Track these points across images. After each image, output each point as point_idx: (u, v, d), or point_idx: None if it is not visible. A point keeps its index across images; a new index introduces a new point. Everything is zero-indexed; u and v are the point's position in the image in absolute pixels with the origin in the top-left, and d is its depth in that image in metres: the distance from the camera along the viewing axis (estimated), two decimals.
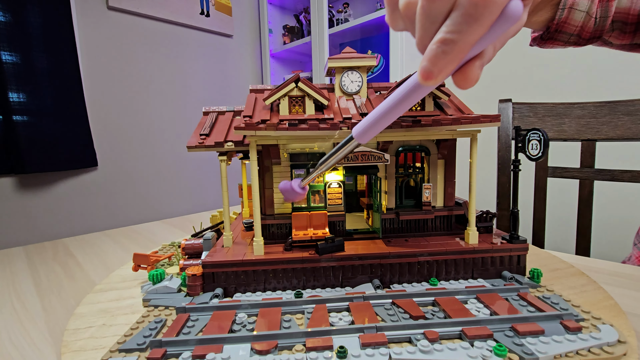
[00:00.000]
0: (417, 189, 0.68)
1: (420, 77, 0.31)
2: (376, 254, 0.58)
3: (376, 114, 0.39)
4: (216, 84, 2.53)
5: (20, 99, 1.83)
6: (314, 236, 0.61)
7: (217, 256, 0.58)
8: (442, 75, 0.31)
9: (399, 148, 0.65)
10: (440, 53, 0.30)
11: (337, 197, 0.65)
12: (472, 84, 0.32)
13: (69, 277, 0.79)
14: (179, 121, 2.25)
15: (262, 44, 2.86)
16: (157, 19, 2.16)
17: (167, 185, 2.19)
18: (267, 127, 0.54)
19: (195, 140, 0.62)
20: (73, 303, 0.65)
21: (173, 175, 2.23)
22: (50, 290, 0.72)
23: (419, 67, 0.31)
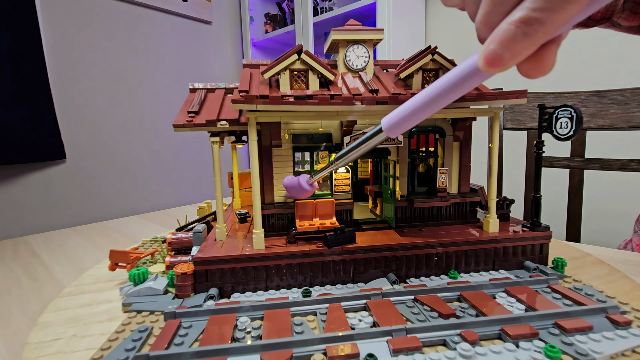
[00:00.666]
0: (431, 174, 0.62)
1: (483, 63, 0.25)
2: (391, 246, 0.52)
3: (415, 103, 0.32)
4: (194, 72, 2.39)
5: None
6: (321, 227, 0.54)
7: (210, 251, 0.50)
8: (514, 61, 0.25)
9: (412, 129, 0.59)
10: (519, 35, 0.23)
11: (345, 184, 0.59)
12: (547, 71, 0.26)
13: (31, 278, 0.69)
14: (154, 109, 2.11)
15: (243, 32, 2.73)
16: (130, 2, 2.00)
17: (143, 177, 2.05)
18: (270, 101, 0.46)
19: (182, 118, 0.54)
20: (36, 309, 0.55)
21: (150, 166, 2.09)
22: (8, 294, 0.62)
23: (484, 51, 0.25)
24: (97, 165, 2.01)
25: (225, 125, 0.54)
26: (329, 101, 0.47)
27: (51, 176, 1.87)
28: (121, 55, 2.08)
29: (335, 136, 0.58)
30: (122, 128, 2.04)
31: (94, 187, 1.92)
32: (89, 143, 1.94)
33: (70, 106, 1.96)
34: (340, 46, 0.63)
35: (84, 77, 1.99)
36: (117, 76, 2.10)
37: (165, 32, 2.38)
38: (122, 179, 2.00)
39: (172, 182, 2.28)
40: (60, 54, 1.90)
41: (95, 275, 0.61)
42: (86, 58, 1.97)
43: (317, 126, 0.57)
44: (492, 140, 0.56)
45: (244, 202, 0.82)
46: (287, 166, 0.57)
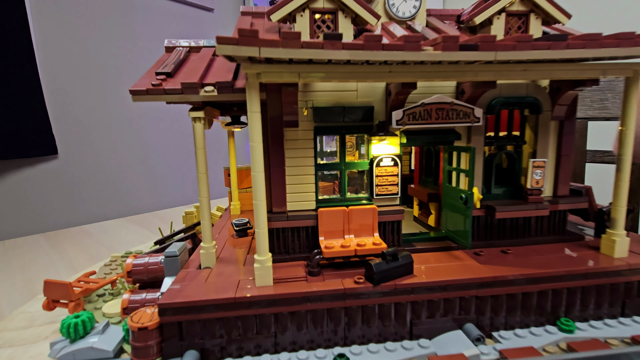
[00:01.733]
0: (515, 169, 0.43)
1: None
2: (470, 282, 0.33)
3: None
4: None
5: None
6: (359, 250, 0.35)
7: (184, 292, 0.31)
8: None
9: (492, 101, 0.40)
10: None
11: (391, 182, 0.39)
12: None
13: None
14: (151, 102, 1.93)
15: None
16: None
17: (139, 175, 1.88)
18: (283, 42, 0.27)
19: (147, 81, 0.35)
20: None
21: (146, 163, 1.92)
22: None
23: None
24: (90, 162, 1.83)
25: (211, 93, 0.35)
26: (381, 44, 0.28)
27: (42, 174, 1.68)
28: (117, 44, 1.90)
29: (378, 110, 0.39)
30: (120, 122, 1.86)
31: (84, 186, 1.75)
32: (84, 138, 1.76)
33: (62, 98, 1.77)
34: None
35: (76, 67, 1.81)
36: (112, 65, 1.92)
37: (164, 19, 2.19)
38: (114, 177, 1.82)
39: (169, 181, 2.11)
40: (50, 43, 1.71)
41: (30, 314, 0.43)
42: (79, 47, 1.78)
43: (352, 96, 0.38)
44: (624, 118, 0.36)
45: (244, 205, 0.63)
46: (305, 156, 0.38)
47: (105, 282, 0.42)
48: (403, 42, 0.28)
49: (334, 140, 0.40)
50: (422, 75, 0.32)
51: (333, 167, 0.39)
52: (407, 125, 0.36)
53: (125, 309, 0.35)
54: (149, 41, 2.12)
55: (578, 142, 0.99)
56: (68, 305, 0.38)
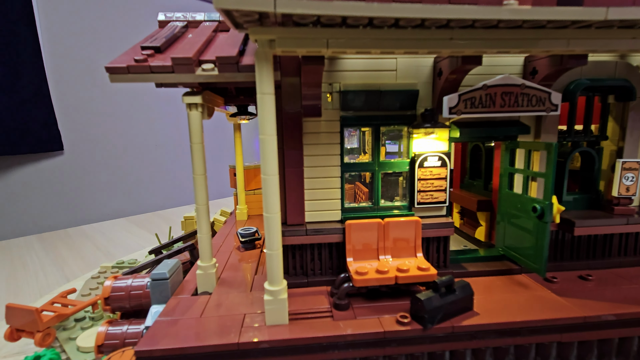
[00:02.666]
0: (593, 172, 0.34)
1: None
2: (551, 323, 0.25)
3: None
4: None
5: None
6: (401, 277, 0.27)
7: (175, 331, 0.24)
8: None
9: (571, 84, 0.31)
10: None
11: (438, 188, 0.31)
12: None
13: None
14: (158, 98, 1.87)
15: None
16: None
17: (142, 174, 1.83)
18: None
19: (129, 57, 0.27)
20: None
21: (150, 161, 1.87)
22: None
23: None
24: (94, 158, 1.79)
25: (211, 72, 0.27)
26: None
27: (46, 169, 1.64)
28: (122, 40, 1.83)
29: (423, 95, 0.30)
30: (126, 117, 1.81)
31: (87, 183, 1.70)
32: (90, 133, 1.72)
33: (68, 94, 1.73)
34: None
35: (82, 61, 1.76)
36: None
37: (171, 11, 2.13)
38: (117, 175, 1.77)
39: (172, 180, 2.05)
40: (56, 40, 1.66)
41: None
42: (85, 40, 1.74)
43: (390, 77, 0.30)
44: None
45: (252, 209, 0.56)
46: (329, 153, 0.30)
47: (83, 305, 0.35)
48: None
49: (365, 134, 0.32)
50: (494, 44, 0.23)
51: (364, 168, 0.31)
52: (462, 115, 0.28)
53: (101, 347, 0.28)
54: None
55: None
56: (35, 336, 0.31)
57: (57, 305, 0.35)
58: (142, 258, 0.57)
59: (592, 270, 0.32)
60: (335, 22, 0.21)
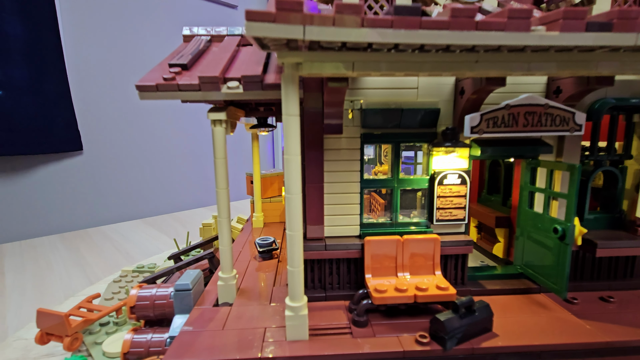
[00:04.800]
0: (616, 191, 0.33)
1: None
2: (574, 347, 0.25)
3: None
4: None
5: None
6: (420, 295, 0.27)
7: (200, 347, 0.24)
8: None
9: (595, 103, 0.30)
10: None
11: (457, 205, 0.31)
12: None
13: None
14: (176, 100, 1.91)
15: None
16: None
17: (161, 175, 1.87)
18: (337, 18, 0.19)
19: (157, 74, 0.28)
20: None
21: (168, 162, 1.91)
22: None
23: None
24: (115, 158, 1.84)
25: (236, 89, 0.28)
26: (475, 22, 0.20)
27: (68, 169, 1.70)
28: (142, 43, 1.89)
29: (444, 113, 0.30)
30: (143, 119, 1.86)
31: (107, 183, 1.75)
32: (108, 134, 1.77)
33: (88, 96, 1.79)
34: None
35: (102, 64, 1.82)
36: (137, 62, 1.92)
37: (188, 17, 2.18)
38: (134, 177, 1.81)
39: (187, 183, 2.08)
40: (78, 40, 1.72)
41: (26, 342, 0.37)
42: (105, 45, 1.79)
43: (411, 95, 0.30)
44: None
45: (268, 217, 0.56)
46: (350, 169, 0.31)
47: (108, 311, 0.36)
48: (506, 19, 0.20)
49: (385, 151, 0.32)
50: (521, 67, 0.23)
51: (384, 184, 0.31)
52: (484, 134, 0.28)
53: (126, 354, 0.29)
54: (174, 39, 2.08)
55: None
56: (64, 341, 0.32)
57: (83, 310, 0.36)
58: (160, 262, 0.58)
59: (613, 291, 0.32)
60: (361, 46, 0.22)
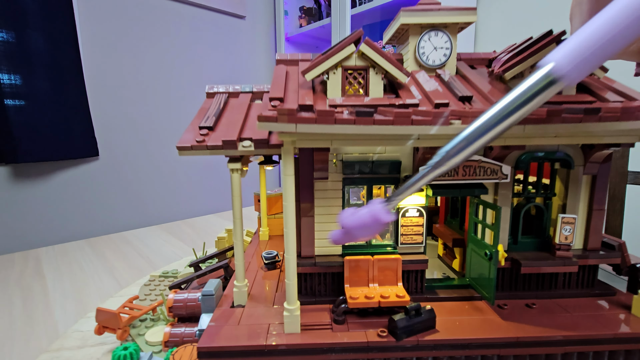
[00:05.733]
0: (543, 220, 0.43)
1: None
2: (493, 341, 0.34)
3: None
4: (227, 68, 2.29)
5: (13, 82, 1.64)
6: (383, 302, 0.37)
7: (222, 336, 0.34)
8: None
9: (522, 156, 0.40)
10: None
11: (416, 232, 0.41)
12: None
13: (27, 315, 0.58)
14: (187, 106, 2.02)
15: (277, 26, 2.60)
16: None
17: (173, 182, 1.98)
18: (318, 119, 0.29)
19: (191, 136, 0.38)
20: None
21: (180, 169, 2.02)
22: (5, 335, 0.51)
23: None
24: (129, 164, 1.95)
25: (249, 147, 0.38)
26: (410, 119, 0.29)
27: (85, 174, 1.82)
28: (154, 51, 2.01)
29: (405, 164, 0.40)
30: (156, 127, 1.98)
31: (123, 188, 1.86)
32: (123, 141, 1.88)
33: (104, 105, 1.91)
34: (410, 33, 0.44)
35: (117, 75, 1.94)
36: (150, 74, 2.04)
37: (199, 27, 2.29)
38: (147, 182, 1.92)
39: (199, 190, 2.19)
40: (95, 52, 1.85)
41: (82, 334, 0.48)
42: (120, 55, 1.91)
43: (380, 150, 0.40)
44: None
45: (272, 230, 0.66)
46: (334, 205, 0.40)
47: (147, 309, 0.46)
48: (431, 117, 0.30)
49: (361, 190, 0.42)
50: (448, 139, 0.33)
51: None
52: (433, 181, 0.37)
53: (167, 342, 0.39)
54: (185, 48, 2.23)
55: (619, 162, 0.95)
56: (116, 332, 0.42)
57: (126, 309, 0.46)
58: (181, 268, 0.68)
59: (539, 299, 0.41)
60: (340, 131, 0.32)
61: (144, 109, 2.03)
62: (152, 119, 2.03)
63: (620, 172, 0.95)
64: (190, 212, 1.86)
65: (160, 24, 2.05)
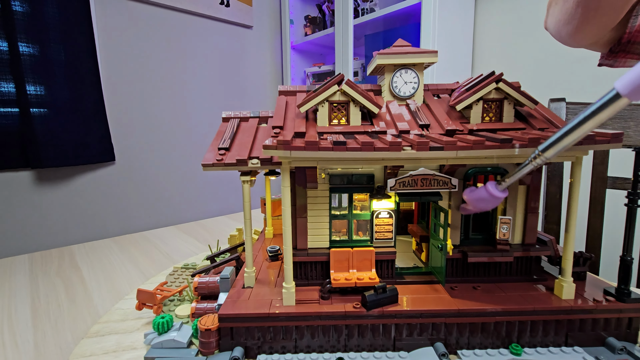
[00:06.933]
0: (489, 220, 0.53)
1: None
2: (439, 312, 0.45)
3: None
4: (235, 76, 2.42)
5: (37, 92, 1.78)
6: (358, 282, 0.48)
7: (237, 307, 0.46)
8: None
9: (469, 170, 0.51)
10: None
11: (387, 230, 0.52)
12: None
13: (70, 299, 0.70)
14: (198, 115, 2.16)
15: (283, 35, 2.72)
16: (176, 9, 2.06)
17: (185, 185, 2.10)
18: (305, 147, 0.41)
19: (212, 156, 0.50)
20: (70, 340, 0.55)
21: (191, 173, 2.15)
22: (48, 318, 0.63)
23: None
24: (142, 168, 2.09)
25: (257, 165, 0.49)
26: (373, 147, 0.41)
27: (102, 178, 1.96)
28: (167, 62, 2.15)
29: (377, 177, 0.51)
30: (168, 133, 2.11)
31: (138, 191, 1.99)
32: (137, 147, 2.02)
33: (121, 113, 2.05)
34: (385, 71, 0.56)
35: (132, 85, 2.08)
36: (163, 83, 2.18)
37: (209, 38, 2.43)
38: (164, 186, 2.05)
39: (211, 192, 2.32)
40: (112, 63, 1.99)
41: (124, 310, 0.59)
42: (134, 67, 2.06)
43: (358, 166, 0.51)
44: (572, 186, 0.46)
45: (276, 229, 0.78)
46: (322, 208, 0.52)
47: (175, 291, 0.58)
48: (389, 146, 0.41)
49: (344, 197, 0.53)
50: (407, 162, 0.44)
51: (344, 217, 0.52)
52: (398, 190, 0.48)
53: (193, 314, 0.50)
54: (195, 58, 2.37)
55: (599, 168, 1.05)
56: (153, 308, 0.54)
57: (159, 291, 0.58)
58: (198, 262, 0.80)
59: (485, 283, 0.52)
60: (322, 156, 0.43)
61: (158, 116, 2.17)
62: (165, 125, 2.17)
63: (601, 178, 1.05)
64: (203, 213, 1.99)
65: (173, 35, 2.20)
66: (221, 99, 2.43)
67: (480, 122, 0.51)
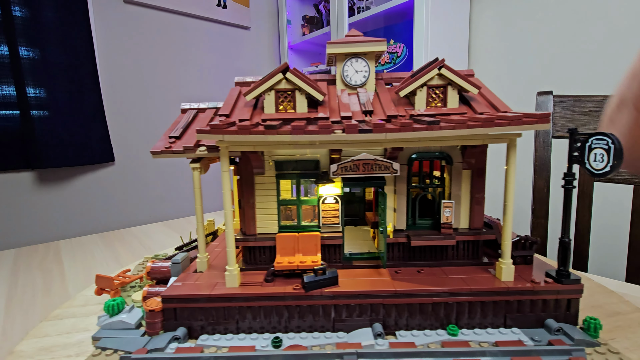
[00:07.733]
0: (436, 205, 0.54)
1: None
2: (376, 292, 0.46)
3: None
4: (233, 77, 2.45)
5: (38, 94, 1.83)
6: (301, 265, 0.49)
7: (179, 288, 0.47)
8: None
9: (412, 155, 0.51)
10: None
11: (334, 215, 0.53)
12: None
13: (46, 289, 0.72)
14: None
15: (280, 35, 2.75)
16: (173, 12, 2.10)
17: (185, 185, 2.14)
18: (238, 131, 0.42)
19: (162, 144, 0.52)
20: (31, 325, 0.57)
21: (188, 172, 2.18)
22: (20, 305, 0.65)
23: None
24: (141, 169, 2.13)
25: (203, 152, 0.51)
26: (304, 130, 0.42)
27: (101, 178, 2.00)
28: (164, 64, 2.19)
29: (323, 163, 0.52)
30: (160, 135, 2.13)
31: (133, 190, 2.03)
32: (136, 147, 2.06)
33: (119, 115, 2.10)
34: (337, 60, 0.57)
35: (131, 87, 2.13)
36: (161, 84, 2.22)
37: (207, 39, 2.46)
38: (156, 184, 2.08)
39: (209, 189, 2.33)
40: (110, 65, 2.03)
41: (87, 297, 0.62)
42: (133, 69, 2.10)
43: (304, 152, 0.52)
44: (508, 166, 0.46)
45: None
46: (270, 195, 0.53)
47: (135, 278, 0.60)
48: (318, 128, 0.42)
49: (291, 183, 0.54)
50: (339, 145, 0.45)
51: (291, 203, 0.54)
52: (341, 175, 0.49)
53: (145, 298, 0.52)
54: (194, 59, 2.41)
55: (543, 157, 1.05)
56: (110, 293, 0.56)
57: (120, 277, 0.60)
58: (171, 252, 0.82)
59: (429, 267, 0.52)
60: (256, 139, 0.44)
61: (156, 118, 2.21)
62: (164, 126, 2.20)
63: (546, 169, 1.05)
64: (191, 210, 2.01)
65: (171, 37, 2.24)
66: (219, 100, 2.44)
67: (425, 108, 0.52)
